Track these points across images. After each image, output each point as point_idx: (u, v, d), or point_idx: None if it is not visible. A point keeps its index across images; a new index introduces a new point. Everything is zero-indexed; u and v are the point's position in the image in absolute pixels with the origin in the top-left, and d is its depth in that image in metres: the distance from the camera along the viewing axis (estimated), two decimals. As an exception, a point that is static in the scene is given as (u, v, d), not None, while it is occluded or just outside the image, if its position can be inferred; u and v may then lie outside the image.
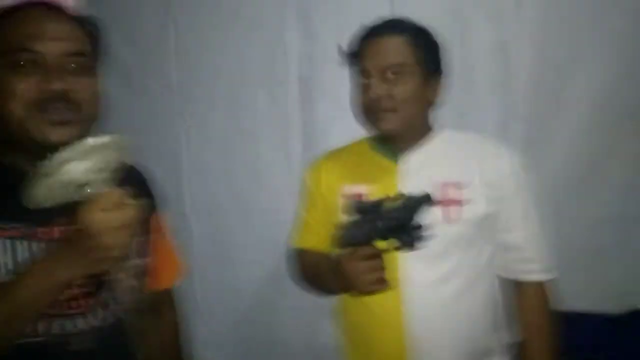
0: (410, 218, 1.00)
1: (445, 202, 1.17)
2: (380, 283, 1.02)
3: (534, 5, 1.68)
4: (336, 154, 1.38)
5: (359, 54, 1.23)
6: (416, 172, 1.22)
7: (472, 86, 1.75)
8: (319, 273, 1.24)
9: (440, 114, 1.51)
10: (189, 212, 1.92)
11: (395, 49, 1.20)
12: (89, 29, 0.95)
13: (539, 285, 1.23)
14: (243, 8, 1.83)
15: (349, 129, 1.54)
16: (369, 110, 1.21)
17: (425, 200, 1.00)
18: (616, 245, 1.72)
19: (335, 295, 1.29)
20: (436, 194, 1.15)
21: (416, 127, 1.25)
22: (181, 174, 1.92)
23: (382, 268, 1.02)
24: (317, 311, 1.67)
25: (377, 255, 1.02)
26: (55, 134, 0.86)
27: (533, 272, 1.22)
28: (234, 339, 1.92)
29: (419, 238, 1.01)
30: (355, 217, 1.02)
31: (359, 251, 1.01)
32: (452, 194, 1.18)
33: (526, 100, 1.72)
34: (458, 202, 1.17)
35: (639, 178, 1.70)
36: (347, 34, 1.34)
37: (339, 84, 1.72)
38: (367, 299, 1.11)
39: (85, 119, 0.91)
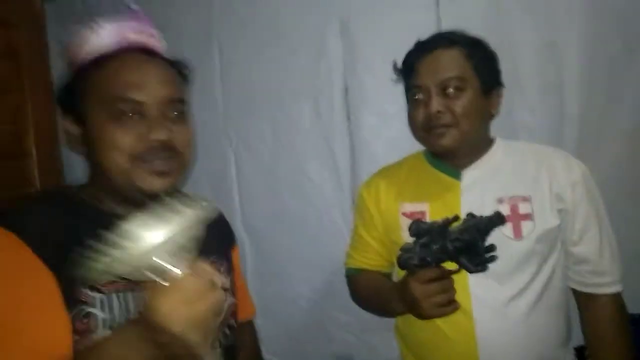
0: (481, 239, 0.98)
1: (513, 218, 1.14)
2: (449, 305, 1.01)
3: (583, 4, 1.63)
4: (392, 170, 1.36)
5: (414, 69, 1.21)
6: (479, 187, 1.20)
7: (521, 88, 1.70)
8: (380, 294, 1.23)
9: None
10: (240, 231, 1.91)
11: (451, 62, 1.18)
12: (183, 73, 0.96)
13: (613, 298, 1.19)
14: (285, 24, 1.82)
15: (394, 140, 1.54)
16: (427, 126, 1.18)
17: (497, 220, 0.98)
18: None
19: (396, 316, 1.27)
20: (502, 209, 1.13)
21: (476, 141, 1.23)
22: (230, 194, 1.92)
23: (450, 290, 1.00)
24: (378, 325, 1.65)
25: (445, 276, 1.01)
26: (156, 184, 0.86)
27: (606, 284, 1.19)
28: (294, 357, 1.92)
29: (489, 259, 0.99)
30: (421, 237, 1.01)
31: (426, 273, 1.00)
32: (520, 208, 1.15)
33: (578, 99, 1.67)
34: (526, 217, 1.15)
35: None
36: (389, 44, 1.33)
37: (382, 95, 1.73)
38: (437, 320, 1.10)
39: (183, 167, 0.92)
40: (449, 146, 1.18)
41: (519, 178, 1.19)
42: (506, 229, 1.13)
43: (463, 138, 1.17)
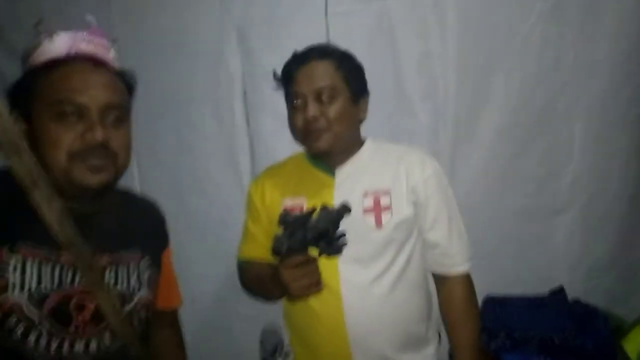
0: (333, 227, 1.12)
1: (375, 209, 1.29)
2: (314, 286, 1.13)
3: (455, 19, 1.81)
4: (277, 169, 1.48)
5: (292, 78, 1.34)
6: (349, 183, 1.34)
7: (403, 94, 1.88)
8: (261, 281, 1.34)
9: (375, 121, 1.64)
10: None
11: (324, 73, 1.31)
12: (127, 82, 1.05)
13: (461, 277, 1.36)
14: (185, 33, 1.89)
15: (292, 141, 1.65)
16: (305, 130, 1.31)
17: (344, 210, 1.12)
18: (537, 233, 1.90)
19: (277, 300, 1.38)
20: (367, 202, 1.28)
21: (348, 143, 1.36)
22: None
23: (314, 273, 1.13)
24: (274, 316, 1.76)
25: (309, 261, 1.13)
26: (94, 179, 0.94)
27: (454, 265, 1.35)
28: (196, 350, 1.96)
29: (341, 244, 1.13)
30: (288, 228, 1.14)
31: (293, 259, 1.12)
32: (381, 201, 1.30)
33: (452, 104, 1.86)
34: (386, 208, 1.30)
35: (555, 170, 1.88)
36: (283, 52, 1.43)
37: (279, 99, 1.81)
38: (310, 301, 1.23)
39: (118, 167, 1.00)
40: (324, 148, 1.31)
41: (382, 174, 1.34)
42: (369, 219, 1.28)
43: (336, 140, 1.31)
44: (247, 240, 1.47)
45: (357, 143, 1.40)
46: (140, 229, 1.14)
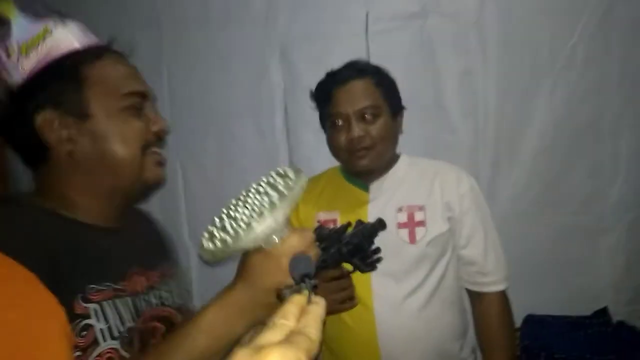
0: (368, 242, 1.13)
1: (409, 224, 1.30)
2: (348, 301, 1.15)
3: (496, 37, 1.81)
4: (311, 184, 1.49)
5: (331, 98, 1.34)
6: (383, 198, 1.36)
7: (444, 111, 1.88)
8: None
9: (415, 138, 1.65)
10: (187, 240, 2.05)
11: (365, 91, 1.32)
12: None
13: (498, 295, 1.35)
14: (229, 50, 1.96)
15: (331, 156, 1.69)
16: (350, 149, 1.32)
17: (379, 225, 1.14)
18: (580, 252, 1.85)
19: None
20: (401, 217, 1.29)
21: (387, 159, 1.38)
22: (178, 205, 2.05)
23: (348, 287, 1.15)
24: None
25: (344, 276, 1.15)
26: (159, 174, 0.92)
27: (491, 283, 1.35)
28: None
29: (376, 260, 1.14)
30: (322, 242, 1.15)
31: (327, 273, 1.14)
32: (415, 216, 1.31)
33: (493, 122, 1.85)
34: (420, 224, 1.30)
35: (599, 190, 1.83)
36: (324, 68, 1.46)
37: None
38: (343, 314, 1.25)
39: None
40: (368, 166, 1.33)
41: (416, 189, 1.35)
42: (403, 234, 1.29)
43: (380, 158, 1.33)
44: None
45: (393, 158, 1.42)
46: (158, 240, 1.09)
